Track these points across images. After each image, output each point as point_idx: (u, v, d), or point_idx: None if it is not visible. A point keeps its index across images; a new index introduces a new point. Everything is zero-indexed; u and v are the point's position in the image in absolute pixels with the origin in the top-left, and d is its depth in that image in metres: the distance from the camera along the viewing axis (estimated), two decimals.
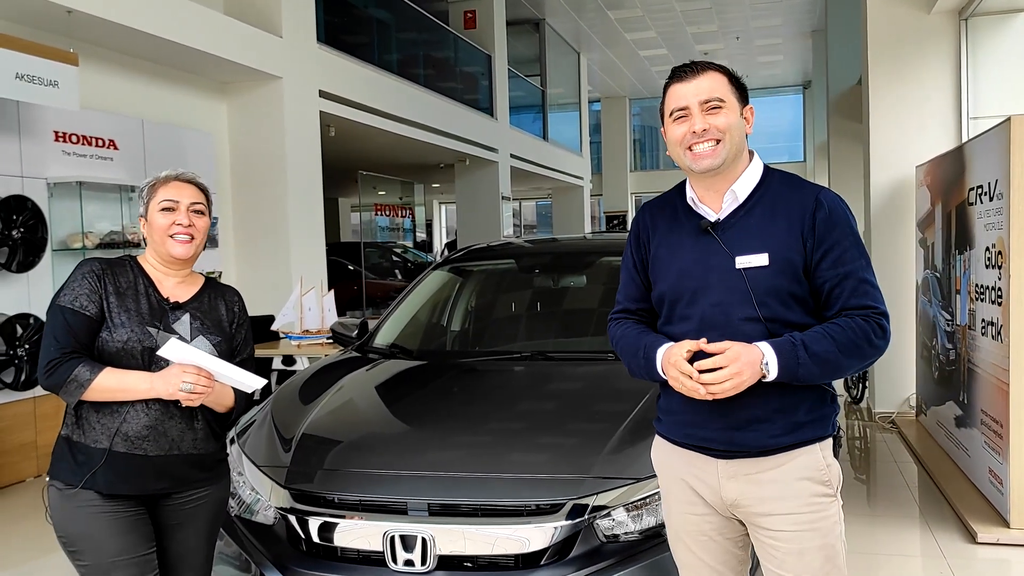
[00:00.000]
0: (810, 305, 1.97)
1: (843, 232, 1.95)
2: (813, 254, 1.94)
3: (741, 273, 1.94)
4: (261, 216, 8.10)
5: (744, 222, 1.99)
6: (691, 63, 2.02)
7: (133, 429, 2.16)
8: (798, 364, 1.87)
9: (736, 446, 1.97)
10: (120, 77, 6.87)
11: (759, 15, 16.69)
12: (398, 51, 11.53)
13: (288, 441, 2.84)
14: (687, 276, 2.01)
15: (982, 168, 4.49)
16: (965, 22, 6.30)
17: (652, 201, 2.22)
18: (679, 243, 2.06)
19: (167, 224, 2.24)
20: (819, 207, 1.96)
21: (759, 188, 2.02)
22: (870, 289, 1.95)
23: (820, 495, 1.97)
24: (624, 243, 2.46)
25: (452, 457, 2.67)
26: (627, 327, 2.14)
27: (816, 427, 1.98)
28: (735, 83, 2.03)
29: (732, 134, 1.97)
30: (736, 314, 1.94)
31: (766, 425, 1.94)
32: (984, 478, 4.46)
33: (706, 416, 1.97)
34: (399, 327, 3.98)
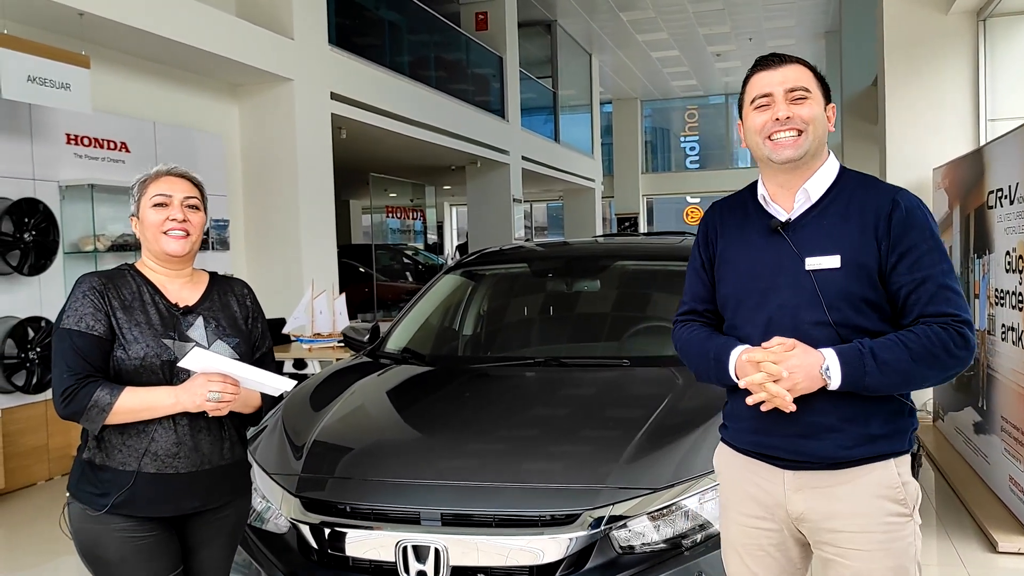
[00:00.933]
0: (886, 312, 1.87)
1: (921, 235, 1.85)
2: (888, 257, 1.84)
3: (810, 275, 1.86)
4: (272, 219, 8.09)
5: (816, 222, 1.91)
6: (776, 54, 1.97)
7: (162, 447, 2.07)
8: (864, 373, 1.77)
9: (803, 455, 1.88)
10: (132, 79, 6.87)
11: (772, 16, 16.59)
12: (409, 53, 11.51)
13: (299, 448, 2.80)
14: (755, 277, 1.94)
15: (1002, 171, 4.42)
16: (983, 23, 6.23)
17: (723, 199, 2.15)
18: (748, 242, 1.99)
19: (160, 220, 2.13)
20: (895, 208, 1.86)
21: (833, 188, 1.94)
22: (951, 295, 1.83)
23: (895, 514, 1.86)
24: (636, 245, 2.42)
25: (465, 466, 2.63)
26: (694, 330, 2.07)
27: (892, 441, 1.88)
28: (820, 79, 1.96)
29: (816, 126, 1.90)
30: (804, 318, 1.86)
31: (836, 435, 1.85)
32: (1004, 486, 4.39)
33: (773, 422, 1.88)
34: (411, 332, 3.95)
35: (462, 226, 26.84)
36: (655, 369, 3.28)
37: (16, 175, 5.66)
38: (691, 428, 2.70)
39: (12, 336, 5.50)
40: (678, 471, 2.50)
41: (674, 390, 2.99)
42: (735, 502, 2.02)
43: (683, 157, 26.14)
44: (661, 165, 26.35)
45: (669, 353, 3.52)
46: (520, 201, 14.71)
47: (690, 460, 2.55)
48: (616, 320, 3.95)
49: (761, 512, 1.96)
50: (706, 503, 2.46)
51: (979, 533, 4.26)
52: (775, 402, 1.81)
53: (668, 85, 23.05)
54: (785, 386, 1.79)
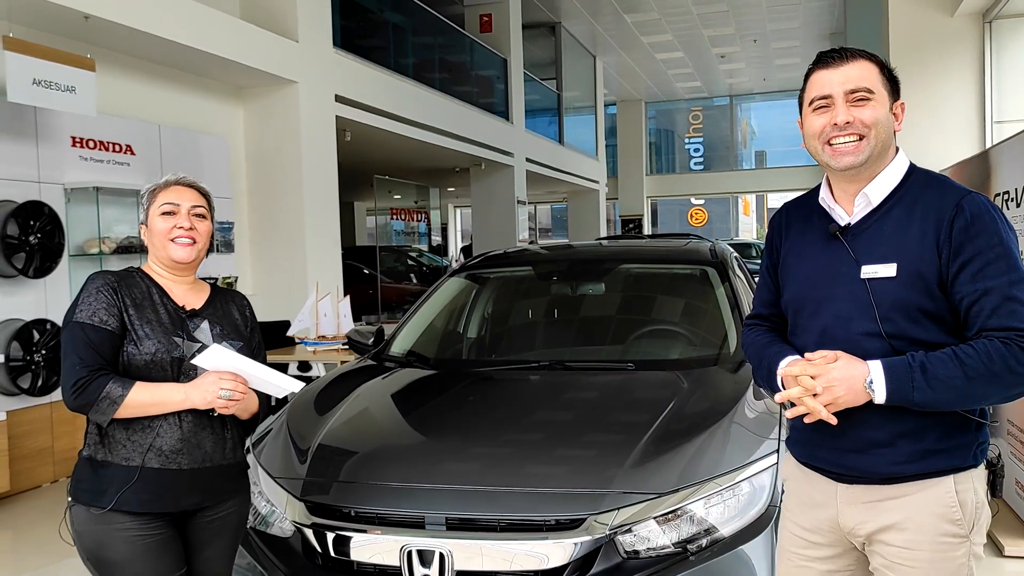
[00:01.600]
0: (948, 323, 1.76)
1: (987, 242, 1.72)
2: (949, 266, 1.73)
3: (865, 283, 1.78)
4: (277, 221, 8.10)
5: (877, 227, 1.82)
6: (840, 48, 1.84)
7: (167, 444, 2.11)
8: (912, 388, 1.68)
9: (853, 470, 1.82)
10: (137, 82, 6.88)
11: (776, 18, 16.58)
12: (414, 55, 11.51)
13: (304, 452, 2.80)
14: (812, 284, 1.87)
15: (1009, 174, 4.40)
16: (989, 25, 6.21)
17: (792, 200, 2.07)
18: (808, 247, 1.91)
19: (168, 228, 2.19)
20: (959, 213, 1.74)
21: (898, 190, 1.83)
22: (1018, 308, 1.69)
23: (948, 534, 1.76)
24: (641, 248, 2.38)
25: (470, 470, 2.62)
26: (757, 334, 2.03)
27: (951, 456, 1.77)
28: (887, 74, 1.84)
29: (879, 130, 1.79)
30: (856, 328, 1.78)
31: (887, 451, 1.77)
32: (1012, 490, 4.37)
33: (822, 436, 1.83)
34: (415, 335, 3.94)
35: (466, 228, 26.86)
36: (660, 373, 3.27)
37: (21, 178, 5.67)
38: (697, 432, 2.69)
39: (17, 338, 5.50)
40: (684, 475, 2.49)
41: (679, 394, 2.98)
42: (793, 511, 2.00)
43: (687, 159, 26.13)
44: (665, 167, 26.34)
45: (674, 356, 3.54)
46: (524, 203, 14.71)
47: (696, 464, 2.54)
48: (621, 324, 3.94)
49: (814, 525, 1.92)
50: (712, 507, 2.45)
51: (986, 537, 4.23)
52: (817, 415, 1.76)
53: (672, 87, 23.05)
54: (824, 400, 1.73)
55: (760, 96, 24.99)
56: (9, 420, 5.31)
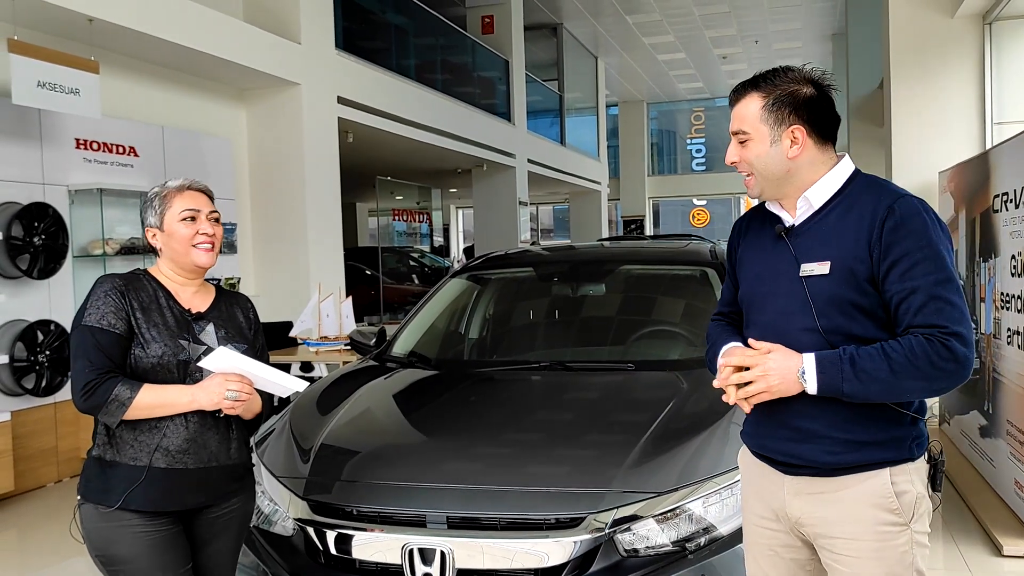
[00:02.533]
0: (881, 319, 1.86)
1: (915, 244, 1.80)
2: (880, 265, 1.83)
3: (802, 281, 1.89)
4: (280, 222, 8.13)
5: (817, 228, 1.93)
6: (737, 86, 1.97)
7: (174, 444, 2.15)
8: (842, 379, 1.78)
9: (795, 459, 1.91)
10: (140, 84, 6.92)
11: (778, 19, 16.59)
12: (416, 56, 11.54)
13: (307, 451, 2.82)
14: (760, 281, 2.00)
15: (1008, 175, 4.42)
16: (989, 26, 6.23)
17: (756, 206, 2.18)
18: (760, 247, 2.04)
19: (191, 234, 2.23)
20: (890, 215, 1.83)
21: (839, 194, 1.93)
22: (943, 306, 1.79)
23: (887, 523, 1.85)
24: (641, 249, 2.36)
25: (471, 469, 2.65)
26: (715, 327, 2.17)
27: (886, 449, 1.86)
28: (774, 104, 1.89)
29: (761, 164, 1.92)
30: (795, 323, 1.89)
31: (822, 440, 1.87)
32: (1010, 489, 4.39)
33: (766, 426, 1.95)
34: (417, 336, 3.97)
35: (468, 229, 26.88)
36: (660, 373, 3.30)
37: (26, 179, 5.71)
38: (696, 432, 2.72)
39: (22, 339, 5.54)
40: (683, 475, 2.52)
41: (679, 394, 3.00)
42: (751, 502, 2.08)
43: (689, 159, 26.14)
44: (667, 167, 26.35)
45: (674, 357, 3.57)
46: (526, 204, 14.73)
47: (695, 464, 2.56)
48: (621, 324, 3.96)
49: (769, 514, 2.01)
50: (711, 506, 2.48)
51: (984, 537, 4.26)
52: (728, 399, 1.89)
53: (674, 88, 23.06)
54: (759, 387, 1.83)
55: None
56: (13, 420, 5.34)
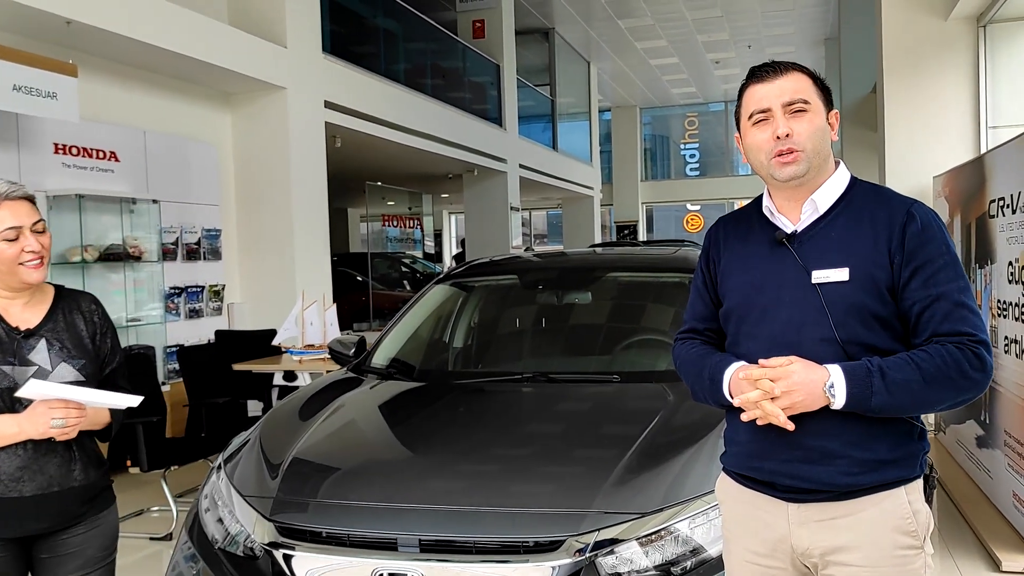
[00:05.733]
0: (898, 330, 1.76)
1: (937, 249, 1.73)
2: (901, 272, 1.73)
3: (817, 289, 1.76)
4: (265, 228, 8.00)
5: (824, 234, 1.81)
6: (772, 62, 1.85)
7: (5, 472, 2.03)
8: (871, 393, 1.66)
9: (805, 482, 1.76)
10: (121, 88, 6.79)
11: (771, 24, 16.54)
12: (405, 61, 11.44)
13: (276, 468, 2.69)
14: (758, 291, 1.84)
15: (1005, 180, 4.32)
16: (983, 29, 6.14)
17: (727, 214, 2.06)
18: (751, 255, 1.89)
19: (15, 253, 2.06)
20: (910, 220, 1.75)
21: (843, 199, 1.84)
22: (967, 314, 1.71)
23: (906, 547, 1.75)
24: (628, 257, 2.24)
25: (446, 488, 2.52)
26: (691, 347, 1.98)
27: (902, 467, 1.76)
28: (820, 85, 1.85)
29: (816, 140, 1.79)
30: (809, 334, 1.76)
31: (841, 461, 1.74)
32: (1008, 502, 4.28)
33: (772, 445, 1.79)
34: (398, 345, 3.84)
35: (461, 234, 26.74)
36: (646, 385, 3.18)
37: None
38: (682, 448, 2.60)
39: None
40: (668, 494, 2.39)
41: (665, 407, 2.88)
42: (738, 537, 1.92)
43: (683, 164, 26.06)
44: (661, 173, 26.27)
45: (660, 368, 3.45)
46: (518, 209, 14.63)
47: (681, 482, 2.44)
48: (607, 334, 3.84)
49: (765, 550, 1.86)
50: (698, 527, 2.35)
51: (982, 551, 4.15)
52: (774, 419, 1.71)
53: (667, 92, 22.99)
54: (783, 404, 1.69)
55: None
56: None
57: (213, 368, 5.90)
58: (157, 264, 6.82)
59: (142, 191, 6.71)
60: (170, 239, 6.97)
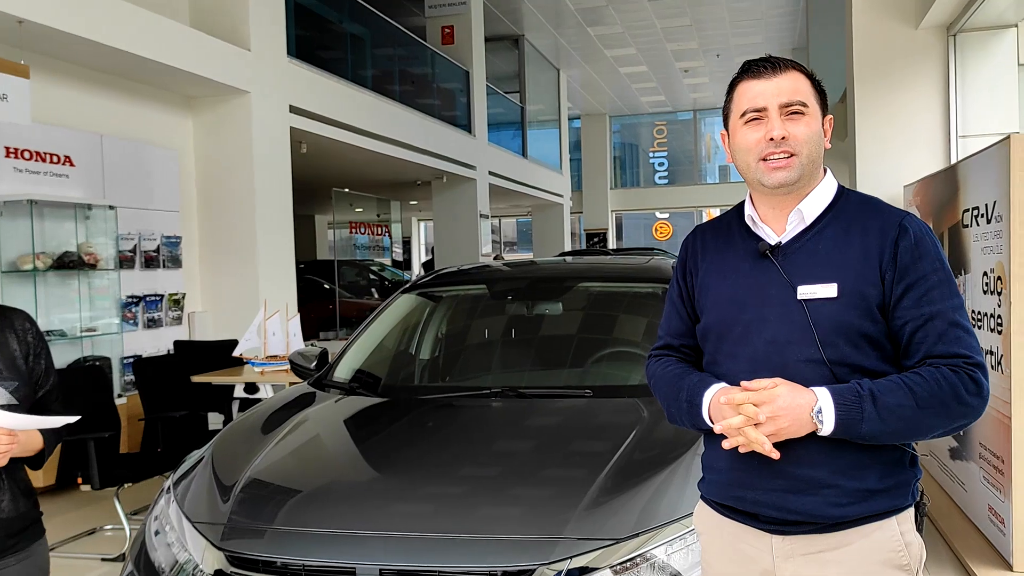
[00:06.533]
0: (888, 351, 1.64)
1: (931, 265, 1.62)
2: (893, 289, 1.61)
3: (803, 306, 1.64)
4: (228, 236, 7.79)
5: (811, 247, 1.68)
6: (770, 57, 1.72)
7: None
8: (862, 419, 1.54)
9: (792, 513, 1.65)
10: (77, 90, 6.57)
11: (739, 33, 16.61)
12: (373, 66, 11.28)
13: (227, 491, 2.54)
14: (739, 307, 1.72)
15: (978, 189, 4.27)
16: (954, 38, 6.13)
17: (705, 223, 1.92)
18: (732, 268, 1.76)
19: None
20: (903, 234, 1.63)
21: (831, 209, 1.71)
22: (962, 335, 1.60)
23: None
24: (598, 266, 2.12)
25: (410, 513, 2.38)
26: (667, 365, 1.85)
27: (893, 496, 1.65)
28: (817, 87, 1.74)
29: (811, 147, 1.67)
30: (795, 354, 1.64)
31: (829, 491, 1.62)
32: (983, 516, 4.22)
33: (755, 474, 1.67)
34: (361, 359, 3.70)
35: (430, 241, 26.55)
36: (619, 400, 3.06)
37: None
38: (658, 468, 2.49)
39: None
40: (643, 517, 2.27)
41: (639, 424, 2.77)
42: (719, 570, 1.80)
43: (652, 173, 26.13)
44: (630, 180, 26.31)
45: (634, 382, 3.33)
46: (487, 217, 14.51)
47: (656, 504, 2.33)
48: (578, 347, 3.72)
49: None
50: (675, 553, 2.23)
51: (957, 565, 4.08)
52: (754, 447, 1.59)
53: (636, 101, 23.03)
54: (768, 431, 1.57)
55: None
56: None
57: (171, 380, 5.70)
58: (114, 272, 6.60)
59: (98, 197, 6.50)
60: (127, 246, 6.75)
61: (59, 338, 6.12)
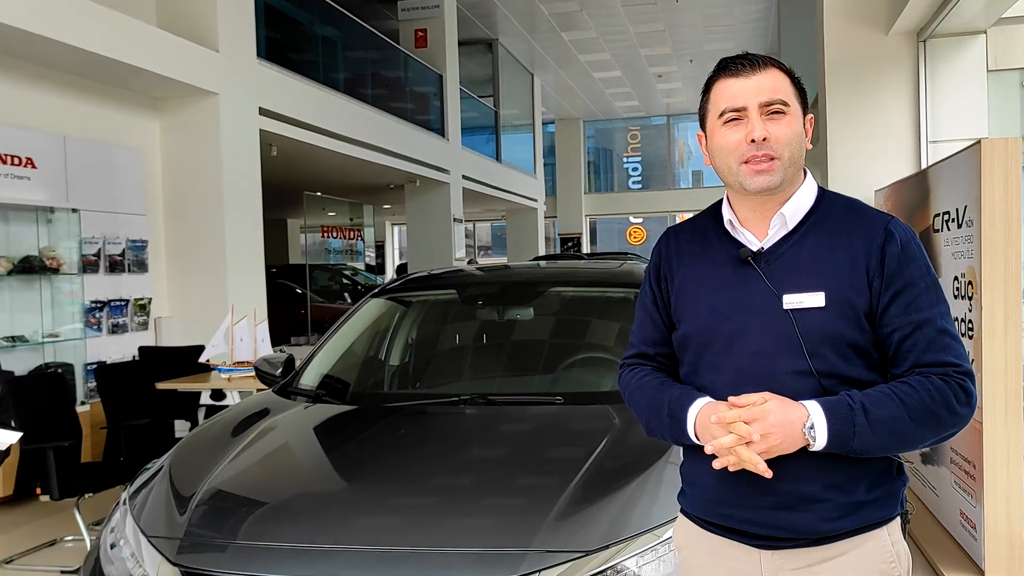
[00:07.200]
0: (874, 359, 1.58)
1: (918, 271, 1.57)
2: (880, 296, 1.55)
3: (789, 315, 1.57)
4: (196, 240, 7.65)
5: (795, 252, 1.61)
6: (747, 55, 1.64)
7: None
8: (854, 432, 1.49)
9: (784, 531, 1.59)
10: (40, 91, 6.42)
11: (712, 38, 16.68)
12: (346, 69, 11.18)
13: (185, 503, 2.45)
14: (721, 317, 1.63)
15: (949, 194, 4.28)
16: (924, 44, 6.16)
17: (678, 225, 1.83)
18: (711, 275, 1.68)
19: None
20: (889, 239, 1.57)
21: (813, 213, 1.64)
22: (950, 342, 1.55)
23: None
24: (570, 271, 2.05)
25: (375, 526, 2.30)
26: (643, 375, 1.76)
27: (882, 506, 1.60)
28: (797, 86, 1.66)
29: (793, 148, 1.60)
30: (782, 366, 1.57)
31: (820, 505, 1.56)
32: (955, 521, 4.22)
33: (744, 492, 1.59)
34: (327, 365, 3.62)
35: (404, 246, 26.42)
36: (590, 407, 3.01)
37: None
38: (630, 476, 2.44)
39: None
40: (613, 528, 2.22)
41: (611, 431, 2.72)
42: None
43: (626, 177, 26.18)
44: (604, 185, 26.35)
45: (605, 388, 3.29)
46: (461, 221, 14.44)
47: (627, 515, 2.27)
48: (549, 353, 3.67)
49: None
50: (646, 564, 2.18)
51: (929, 570, 4.07)
52: (746, 466, 1.52)
53: (611, 106, 23.07)
54: (760, 449, 1.50)
55: (696, 116, 25.13)
56: None
57: (135, 387, 5.57)
58: (77, 276, 6.46)
59: (61, 200, 6.35)
60: (91, 250, 6.61)
61: (20, 344, 5.97)
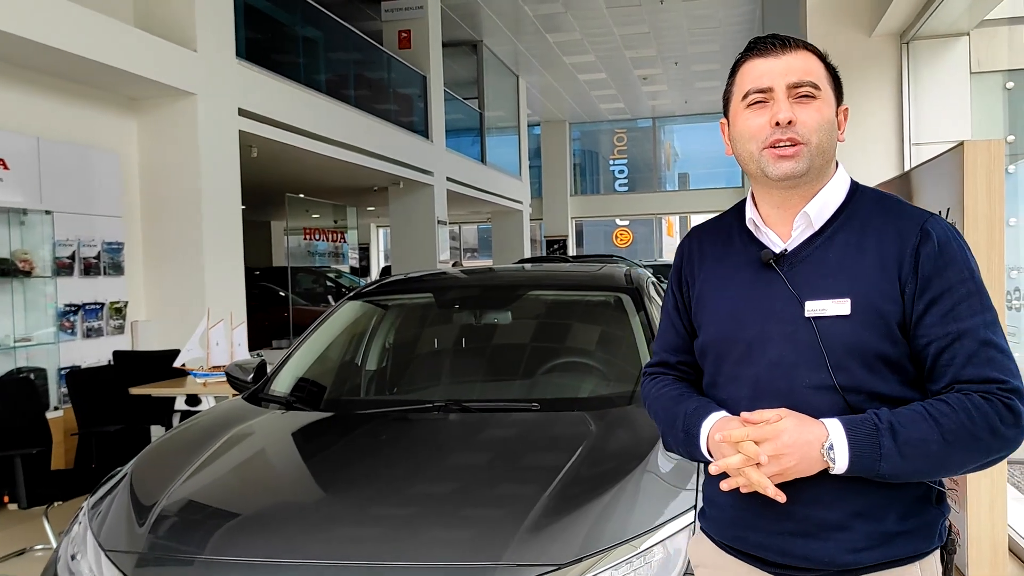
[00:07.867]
0: (910, 373, 1.43)
1: (958, 275, 1.40)
2: (915, 304, 1.40)
3: (811, 323, 1.44)
4: (173, 242, 7.54)
5: (820, 255, 1.48)
6: (778, 36, 1.50)
7: None
8: (880, 456, 1.34)
9: (798, 560, 1.45)
10: (12, 91, 6.30)
11: (697, 41, 16.68)
12: (328, 70, 11.08)
13: (146, 512, 2.36)
14: (739, 324, 1.52)
15: (932, 195, 4.24)
16: (907, 46, 6.14)
17: (702, 224, 1.71)
18: (730, 278, 1.57)
19: None
20: (925, 239, 1.41)
21: (843, 210, 1.50)
22: (996, 355, 1.38)
23: None
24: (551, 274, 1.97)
25: (345, 539, 2.22)
26: (663, 385, 1.66)
27: (915, 539, 1.43)
28: (832, 72, 1.53)
29: (822, 135, 1.46)
30: (802, 379, 1.44)
31: (843, 534, 1.42)
32: None
33: (758, 514, 1.47)
34: (300, 370, 3.53)
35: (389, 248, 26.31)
36: (566, 414, 2.93)
37: None
38: (605, 486, 2.36)
39: None
40: (588, 541, 2.14)
41: (587, 439, 2.64)
42: None
43: (612, 180, 26.18)
44: (590, 188, 26.33)
45: (584, 395, 3.22)
46: (445, 223, 14.35)
47: (602, 526, 2.20)
48: (527, 358, 3.59)
49: None
50: None
51: None
52: (760, 490, 1.40)
53: (596, 108, 23.05)
54: (771, 471, 1.37)
55: (682, 118, 25.20)
56: None
57: (108, 392, 5.47)
58: (50, 279, 6.34)
59: (34, 201, 6.24)
60: (66, 253, 6.49)
61: None
